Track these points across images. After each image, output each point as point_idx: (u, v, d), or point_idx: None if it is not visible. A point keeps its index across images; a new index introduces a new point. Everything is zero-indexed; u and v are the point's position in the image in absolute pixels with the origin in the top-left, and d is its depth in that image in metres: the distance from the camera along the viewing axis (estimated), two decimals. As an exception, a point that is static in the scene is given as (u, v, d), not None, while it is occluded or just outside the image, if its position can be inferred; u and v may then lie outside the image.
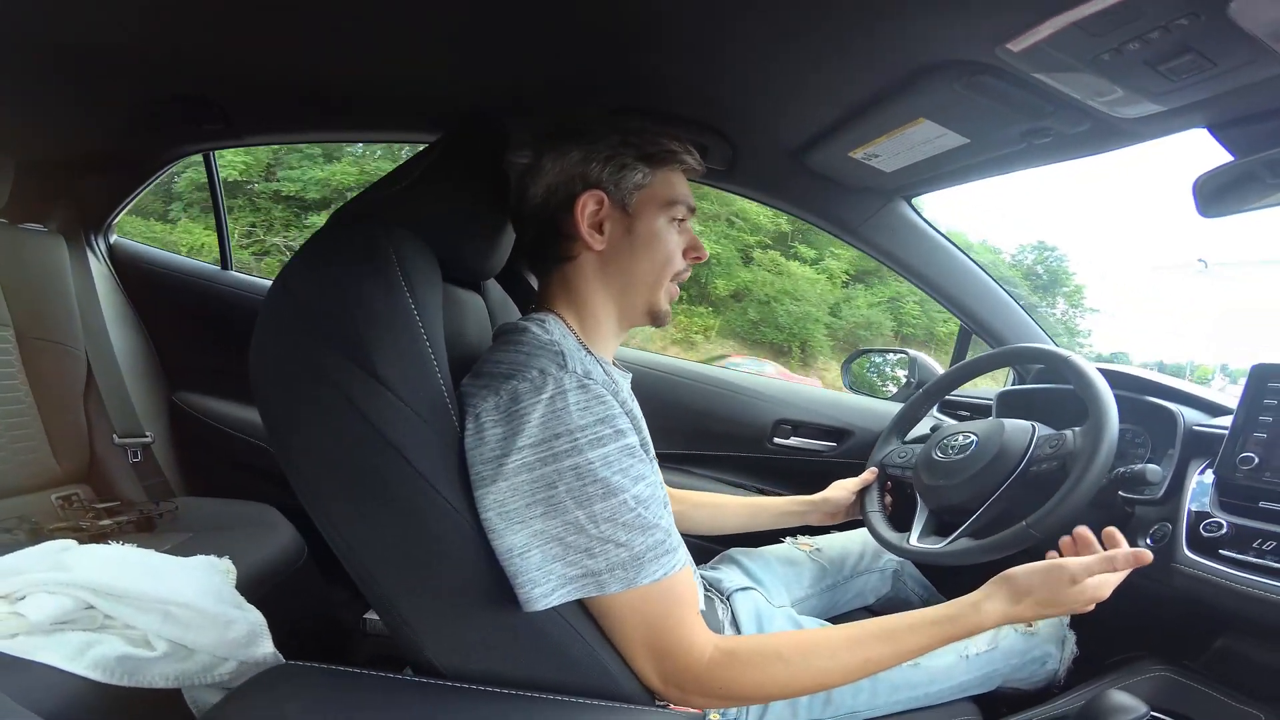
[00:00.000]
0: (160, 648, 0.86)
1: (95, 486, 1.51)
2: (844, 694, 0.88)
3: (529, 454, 0.65)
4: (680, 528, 1.09)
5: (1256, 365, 0.99)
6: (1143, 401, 1.17)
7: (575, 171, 0.80)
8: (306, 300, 0.68)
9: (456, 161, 0.84)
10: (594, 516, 0.65)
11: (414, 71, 1.13)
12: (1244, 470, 0.95)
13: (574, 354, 0.71)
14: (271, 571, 1.23)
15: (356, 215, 0.76)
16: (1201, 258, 16.61)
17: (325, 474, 0.67)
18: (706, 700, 0.73)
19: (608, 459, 0.67)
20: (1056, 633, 1.03)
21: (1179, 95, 0.80)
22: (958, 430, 1.13)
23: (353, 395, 0.63)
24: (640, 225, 0.82)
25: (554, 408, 0.66)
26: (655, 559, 0.68)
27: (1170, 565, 0.94)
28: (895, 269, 1.47)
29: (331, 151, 10.62)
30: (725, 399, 1.67)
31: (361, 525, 0.67)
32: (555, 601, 0.66)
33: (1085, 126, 0.92)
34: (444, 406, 0.68)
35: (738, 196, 1.52)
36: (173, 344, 1.84)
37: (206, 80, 1.26)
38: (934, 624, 0.76)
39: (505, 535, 0.65)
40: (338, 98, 1.29)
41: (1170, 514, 1.00)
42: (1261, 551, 0.88)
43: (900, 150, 1.07)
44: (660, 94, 1.09)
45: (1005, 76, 0.82)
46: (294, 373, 0.67)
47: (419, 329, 0.67)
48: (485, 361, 0.73)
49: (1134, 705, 0.80)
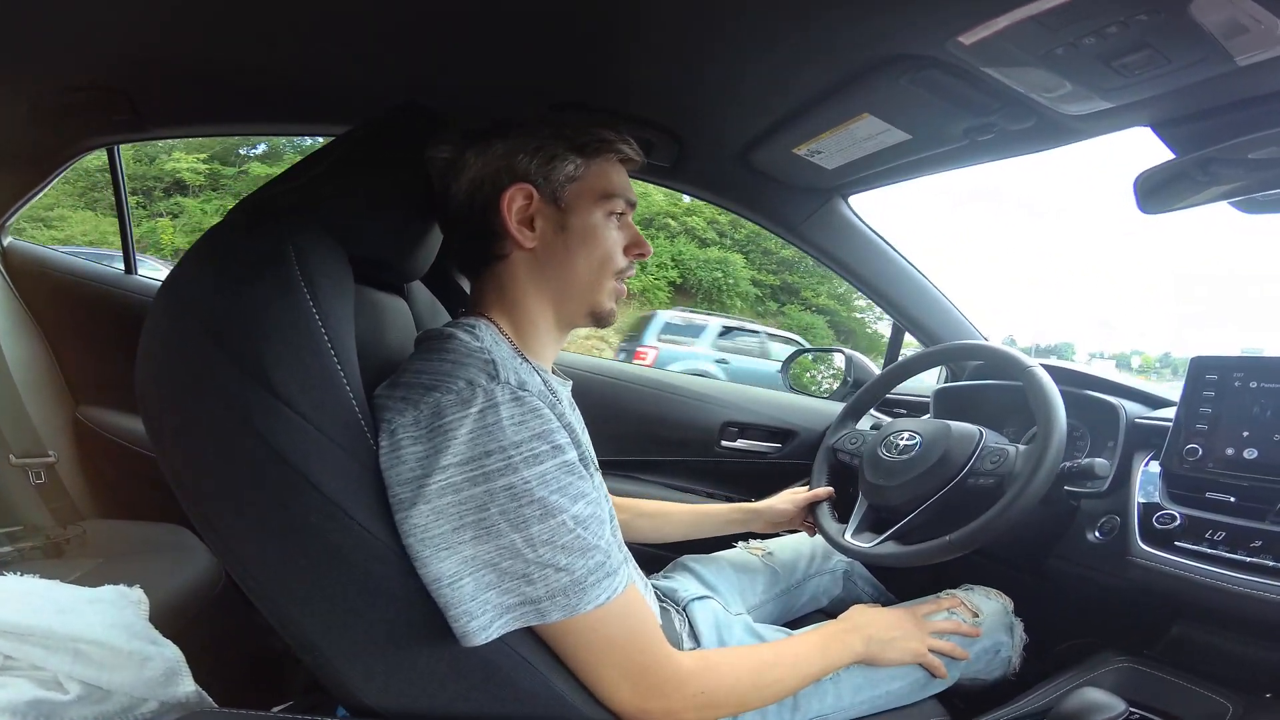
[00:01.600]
0: (73, 690, 0.78)
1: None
2: (809, 698, 0.87)
3: (455, 474, 0.60)
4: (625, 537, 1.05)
5: (1195, 358, 1.02)
6: (1083, 396, 1.20)
7: (500, 165, 0.75)
8: (196, 305, 0.60)
9: (371, 153, 0.77)
10: (531, 540, 0.61)
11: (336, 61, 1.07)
12: (1189, 462, 0.98)
13: (506, 363, 0.66)
14: (188, 600, 1.15)
15: (256, 211, 0.67)
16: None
17: (218, 497, 0.60)
18: (691, 712, 0.71)
19: (545, 477, 0.62)
20: (1003, 620, 1.04)
21: (1128, 92, 0.81)
22: (903, 429, 1.13)
23: (248, 413, 0.57)
24: (574, 220, 0.77)
25: (484, 423, 0.61)
26: (597, 583, 0.64)
27: (1125, 558, 0.95)
28: (833, 268, 1.49)
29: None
30: (672, 403, 1.65)
31: (262, 554, 0.61)
32: (495, 634, 0.61)
33: (1030, 123, 0.93)
34: (356, 423, 0.61)
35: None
36: (75, 355, 1.69)
37: (113, 69, 1.17)
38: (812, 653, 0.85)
39: (431, 563, 0.60)
40: (254, 87, 1.21)
41: (1118, 507, 1.02)
42: (1214, 542, 0.90)
43: (843, 146, 1.07)
44: (603, 90, 1.06)
45: (953, 71, 0.82)
46: (183, 386, 0.60)
47: (323, 338, 0.60)
48: (404, 371, 0.67)
49: (1111, 703, 0.81)
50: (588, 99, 1.08)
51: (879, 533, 1.06)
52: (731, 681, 0.75)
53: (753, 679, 0.77)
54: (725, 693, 0.74)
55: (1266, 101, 0.78)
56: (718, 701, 0.73)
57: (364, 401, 0.63)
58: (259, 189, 0.72)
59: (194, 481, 0.61)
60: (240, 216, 0.66)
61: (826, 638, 0.87)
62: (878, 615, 0.93)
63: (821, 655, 0.85)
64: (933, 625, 0.96)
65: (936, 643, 0.94)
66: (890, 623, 0.93)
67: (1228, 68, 0.72)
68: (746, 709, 0.79)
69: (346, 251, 0.69)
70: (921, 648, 0.92)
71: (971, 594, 1.06)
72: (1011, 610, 1.07)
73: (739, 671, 0.77)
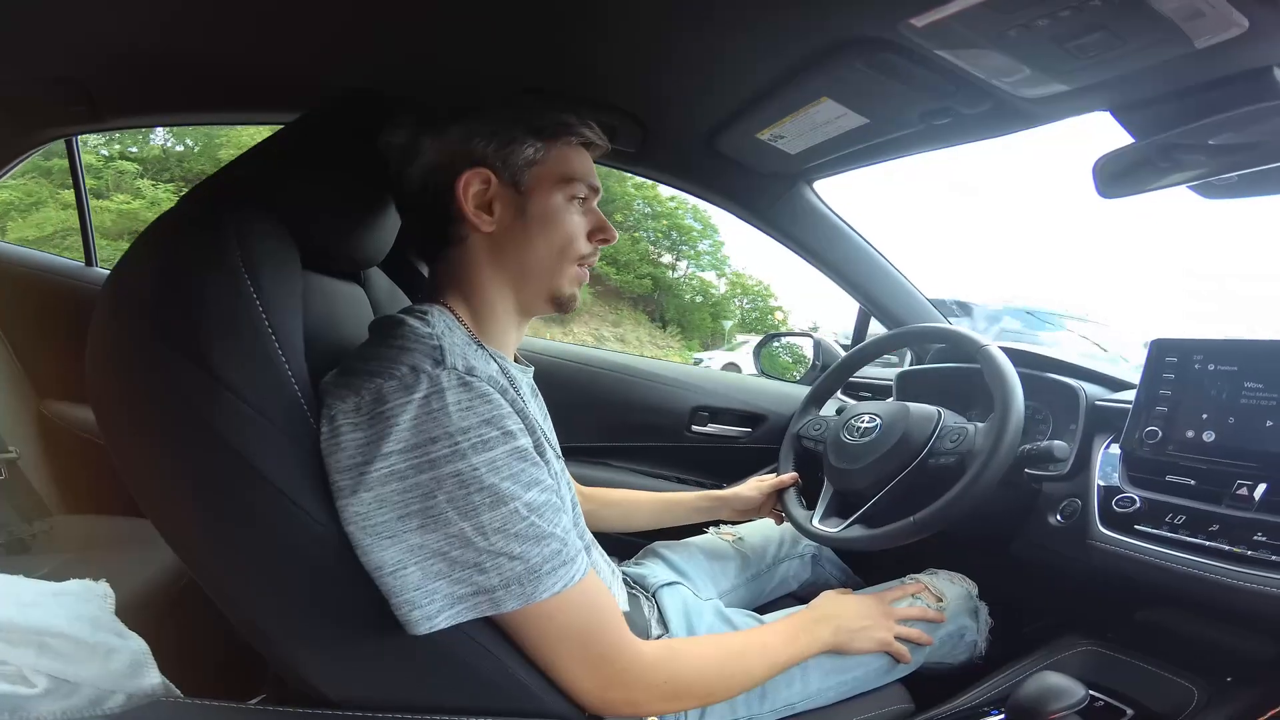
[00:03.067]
0: (40, 684, 0.77)
1: (-45, 509, 1.36)
2: (777, 687, 0.87)
3: (398, 461, 0.59)
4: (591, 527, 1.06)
5: (1155, 340, 1.02)
6: (1043, 379, 1.20)
7: (457, 149, 0.74)
8: (140, 293, 0.60)
9: (322, 140, 0.77)
10: (481, 528, 0.60)
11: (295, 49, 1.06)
12: (1149, 445, 0.98)
13: (455, 349, 0.65)
14: (153, 591, 1.15)
15: (202, 199, 0.68)
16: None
17: (167, 487, 0.60)
18: (653, 701, 0.71)
19: (494, 464, 0.61)
20: (967, 604, 1.05)
21: (1085, 74, 0.81)
22: (864, 411, 1.14)
23: (191, 398, 0.57)
24: (534, 205, 0.76)
25: (429, 409, 0.60)
26: (553, 571, 0.63)
27: (1086, 542, 0.95)
28: (798, 253, 1.50)
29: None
30: (641, 388, 1.65)
31: (210, 543, 0.61)
32: (443, 624, 0.60)
33: (986, 106, 0.93)
34: (299, 408, 0.61)
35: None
36: (36, 349, 1.66)
37: (68, 60, 1.15)
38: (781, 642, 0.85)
39: (373, 551, 0.59)
40: (210, 76, 1.19)
41: (1079, 490, 1.02)
42: (1174, 525, 0.89)
43: (804, 130, 1.08)
44: (565, 75, 1.05)
45: (907, 54, 0.82)
46: (126, 373, 0.60)
47: (264, 322, 0.60)
48: (352, 358, 0.66)
49: (1072, 688, 0.79)
50: (550, 84, 1.07)
51: (845, 517, 1.07)
52: (697, 670, 0.75)
53: (719, 668, 0.77)
54: (691, 682, 0.74)
55: (1224, 85, 0.78)
56: (683, 691, 0.74)
57: (308, 387, 0.63)
58: (208, 177, 0.72)
59: (143, 471, 0.61)
60: (186, 205, 0.66)
61: (795, 627, 0.88)
62: (846, 604, 0.94)
63: (790, 644, 0.85)
64: (899, 612, 0.97)
65: (903, 630, 0.95)
66: (858, 612, 0.93)
67: (1186, 49, 0.72)
68: (714, 699, 0.79)
69: (296, 238, 0.69)
70: (888, 636, 0.93)
71: (936, 578, 1.07)
72: (976, 595, 1.07)
73: (705, 661, 0.76)
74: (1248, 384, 0.92)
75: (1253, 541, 0.83)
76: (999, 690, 0.95)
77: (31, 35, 1.05)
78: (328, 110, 0.80)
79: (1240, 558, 0.83)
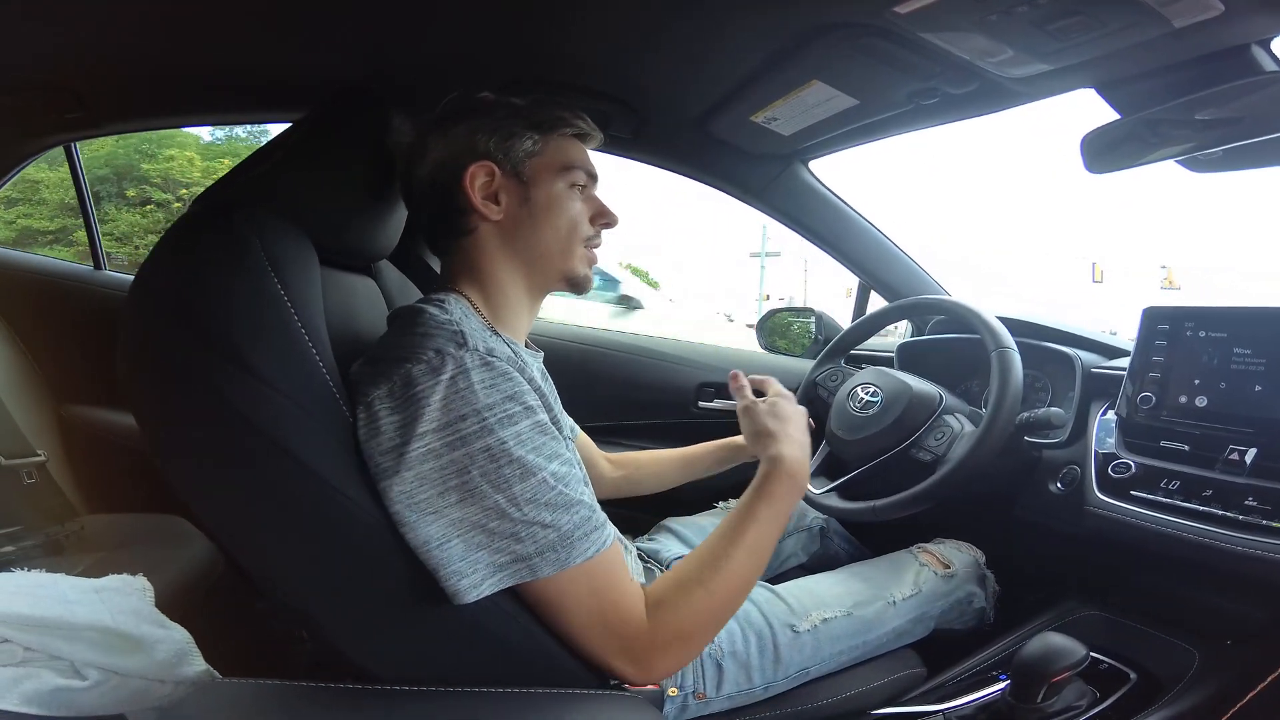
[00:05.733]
0: (92, 676, 0.80)
1: (-9, 513, 1.39)
2: (790, 651, 0.90)
3: (433, 440, 0.62)
4: (627, 491, 1.13)
5: (1148, 308, 1.03)
6: (1040, 347, 1.22)
7: (461, 146, 0.79)
8: (168, 295, 0.63)
9: (325, 139, 0.80)
10: (515, 499, 0.63)
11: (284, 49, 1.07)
12: (1144, 410, 0.99)
13: (475, 332, 0.68)
14: (189, 584, 1.19)
15: (217, 201, 0.70)
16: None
17: (212, 482, 0.63)
18: (664, 656, 0.70)
19: (520, 437, 0.64)
20: (975, 572, 1.08)
21: (1067, 54, 0.82)
22: (869, 381, 1.15)
23: (229, 394, 0.59)
24: (537, 192, 0.80)
25: (456, 388, 0.63)
26: (585, 536, 0.66)
27: (1084, 508, 0.97)
28: (797, 230, 1.52)
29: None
30: (647, 367, 1.68)
31: (256, 533, 0.64)
32: (486, 591, 0.63)
33: (973, 86, 0.94)
34: (330, 396, 0.64)
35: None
36: (52, 354, 1.69)
37: (60, 67, 1.16)
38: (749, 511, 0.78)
39: (419, 527, 0.62)
40: (199, 78, 1.20)
41: (1078, 456, 1.04)
42: (1169, 491, 0.91)
43: (797, 113, 1.09)
44: (558, 64, 1.07)
45: (893, 38, 0.83)
46: (165, 375, 0.62)
47: (291, 315, 0.62)
48: (377, 346, 0.70)
49: (1074, 648, 0.82)
50: (543, 75, 1.09)
51: (831, 479, 1.10)
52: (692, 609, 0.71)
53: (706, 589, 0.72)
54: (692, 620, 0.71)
55: (1205, 63, 0.79)
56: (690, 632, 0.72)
57: (337, 376, 0.65)
58: (219, 179, 0.74)
59: (187, 470, 0.63)
60: (203, 208, 0.69)
61: (752, 501, 0.79)
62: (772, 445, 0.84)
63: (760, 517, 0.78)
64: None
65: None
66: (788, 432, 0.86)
67: (1164, 29, 0.73)
68: (724, 616, 0.76)
69: (309, 235, 0.71)
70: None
71: (943, 547, 1.10)
72: (983, 562, 1.10)
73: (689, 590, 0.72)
74: (1237, 350, 0.93)
75: (1244, 506, 0.84)
76: (1005, 653, 0.98)
77: (21, 42, 1.06)
78: (327, 110, 0.82)
79: (1233, 522, 0.84)
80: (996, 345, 1.03)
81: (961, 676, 0.99)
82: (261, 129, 7.02)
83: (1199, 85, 0.79)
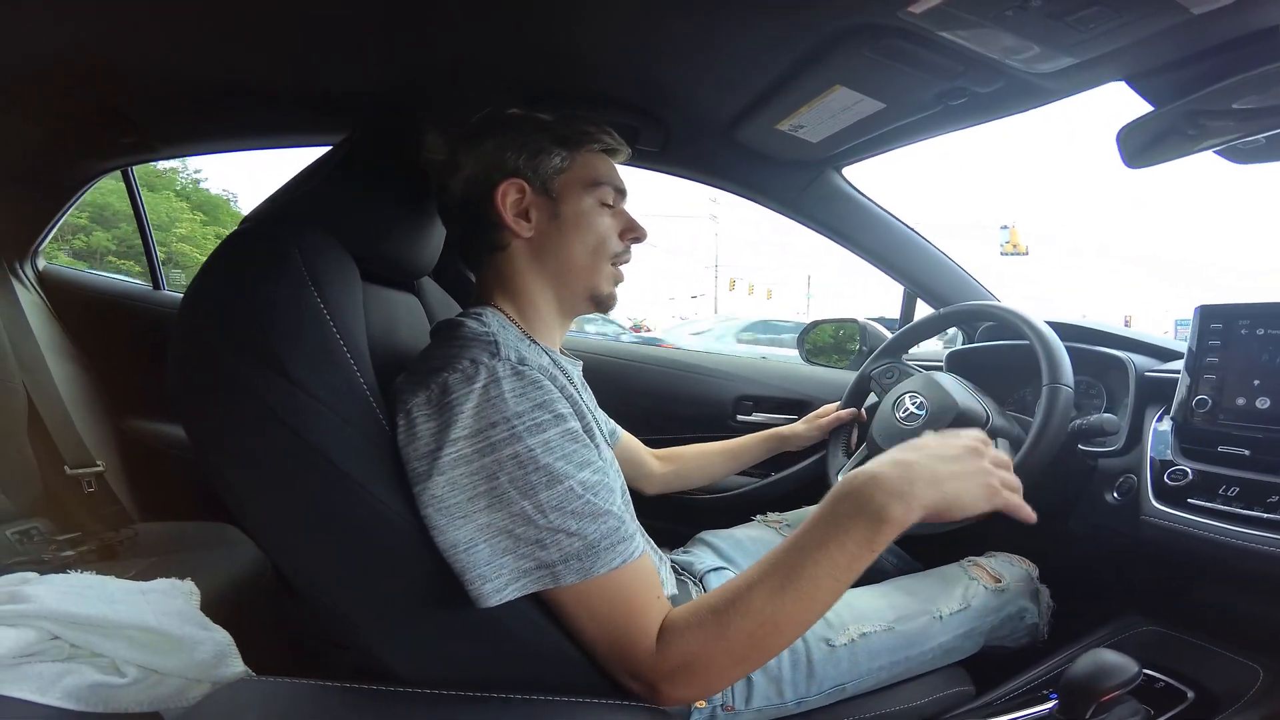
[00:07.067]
0: (131, 674, 0.84)
1: (53, 519, 1.46)
2: (824, 666, 0.87)
3: (465, 446, 0.63)
4: (678, 486, 1.18)
5: (1201, 306, 0.99)
6: (1092, 352, 1.18)
7: (492, 162, 0.81)
8: (215, 310, 0.66)
9: (368, 157, 0.83)
10: (541, 506, 0.63)
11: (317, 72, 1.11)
12: (1199, 414, 0.94)
13: (509, 342, 0.70)
14: (236, 589, 1.22)
15: (264, 219, 0.75)
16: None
17: (254, 486, 0.65)
18: (671, 685, 0.65)
19: (549, 445, 0.65)
20: (1028, 587, 1.04)
21: (1092, 46, 0.79)
22: (916, 391, 1.12)
23: (270, 401, 0.61)
24: (566, 209, 0.82)
25: (488, 396, 0.64)
26: (611, 546, 0.65)
27: (1139, 518, 0.93)
28: (835, 239, 1.49)
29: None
30: (685, 380, 1.68)
31: (296, 535, 0.66)
32: (509, 596, 0.63)
33: (999, 85, 0.92)
34: (368, 405, 0.66)
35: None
36: (114, 370, 1.78)
37: (116, 94, 1.24)
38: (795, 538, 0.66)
39: (448, 531, 0.63)
40: (246, 103, 1.26)
41: (1134, 465, 1.00)
42: (1228, 498, 0.87)
43: (823, 119, 1.08)
44: (584, 76, 1.08)
45: (912, 39, 0.82)
46: (210, 384, 0.65)
47: (330, 328, 0.65)
48: (419, 359, 0.72)
49: (1125, 664, 0.77)
50: (567, 87, 1.10)
51: None
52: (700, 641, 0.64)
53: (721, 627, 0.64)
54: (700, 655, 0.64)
55: (1235, 47, 0.76)
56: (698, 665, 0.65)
57: (375, 386, 0.68)
58: (266, 199, 0.79)
59: (230, 475, 0.65)
60: (250, 225, 0.73)
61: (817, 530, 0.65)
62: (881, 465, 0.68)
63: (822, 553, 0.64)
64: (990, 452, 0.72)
65: (1000, 471, 0.70)
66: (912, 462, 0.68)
67: (1183, 17, 0.72)
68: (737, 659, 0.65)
69: (351, 252, 0.75)
70: (988, 479, 0.69)
71: (995, 560, 1.07)
72: (1037, 577, 1.06)
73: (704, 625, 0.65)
74: (1300, 347, 0.87)
75: (1311, 513, 0.78)
76: (1056, 671, 0.94)
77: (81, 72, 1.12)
78: (367, 129, 0.86)
79: None
80: (1050, 380, 0.97)
81: (1009, 695, 0.95)
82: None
83: (1231, 71, 0.76)
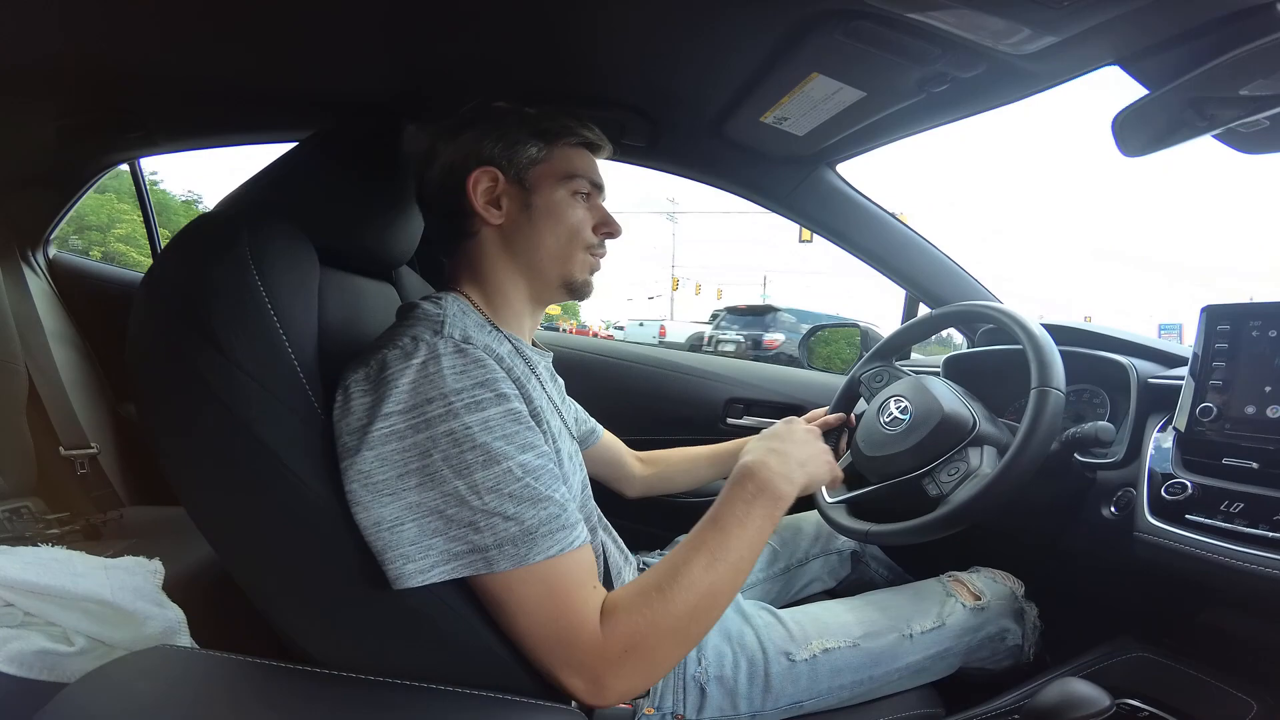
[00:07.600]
0: (78, 643, 0.86)
1: (45, 499, 1.49)
2: (782, 681, 0.84)
3: (398, 420, 0.62)
4: (661, 489, 1.16)
5: (1207, 306, 0.91)
6: (1092, 356, 1.11)
7: (468, 151, 0.82)
8: (163, 288, 0.68)
9: (342, 148, 0.85)
10: (475, 487, 0.61)
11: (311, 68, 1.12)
12: (1204, 423, 0.87)
13: (455, 322, 0.69)
14: (206, 573, 1.22)
15: (225, 205, 0.77)
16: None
17: (189, 462, 0.66)
18: (616, 672, 0.64)
19: (488, 423, 0.63)
20: (1010, 606, 0.99)
21: (1069, 22, 0.74)
22: (901, 395, 1.07)
23: (207, 376, 0.62)
24: (538, 199, 0.82)
25: (425, 372, 0.63)
26: (550, 534, 0.63)
27: (1132, 534, 0.87)
28: (829, 238, 1.46)
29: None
30: (675, 381, 1.65)
31: (221, 512, 0.66)
32: (434, 578, 0.61)
33: (982, 69, 0.88)
34: (298, 383, 0.65)
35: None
36: (115, 356, 1.79)
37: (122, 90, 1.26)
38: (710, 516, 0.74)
39: (371, 508, 0.61)
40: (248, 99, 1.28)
41: (1133, 477, 0.94)
42: (1230, 515, 0.80)
43: (805, 110, 1.06)
44: (569, 75, 1.08)
45: (881, 20, 0.80)
46: (156, 360, 0.66)
47: (265, 305, 0.65)
48: (372, 342, 0.71)
49: (1095, 696, 0.73)
50: (553, 85, 1.11)
51: (851, 489, 1.04)
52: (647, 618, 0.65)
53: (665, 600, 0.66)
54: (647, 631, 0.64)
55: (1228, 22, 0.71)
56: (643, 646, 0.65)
57: (311, 367, 0.67)
58: (236, 188, 0.81)
59: (167, 445, 0.66)
60: (211, 212, 0.75)
61: (725, 510, 0.74)
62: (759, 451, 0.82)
63: (733, 529, 0.72)
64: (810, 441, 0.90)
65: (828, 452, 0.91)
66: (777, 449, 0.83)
67: None
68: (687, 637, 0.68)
69: (318, 239, 0.75)
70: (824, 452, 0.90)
71: (977, 576, 1.02)
72: (1023, 595, 1.01)
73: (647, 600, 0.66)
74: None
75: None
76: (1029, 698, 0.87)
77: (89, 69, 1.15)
78: (343, 122, 0.88)
79: None
80: (1039, 383, 0.88)
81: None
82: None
83: (1225, 47, 0.72)
